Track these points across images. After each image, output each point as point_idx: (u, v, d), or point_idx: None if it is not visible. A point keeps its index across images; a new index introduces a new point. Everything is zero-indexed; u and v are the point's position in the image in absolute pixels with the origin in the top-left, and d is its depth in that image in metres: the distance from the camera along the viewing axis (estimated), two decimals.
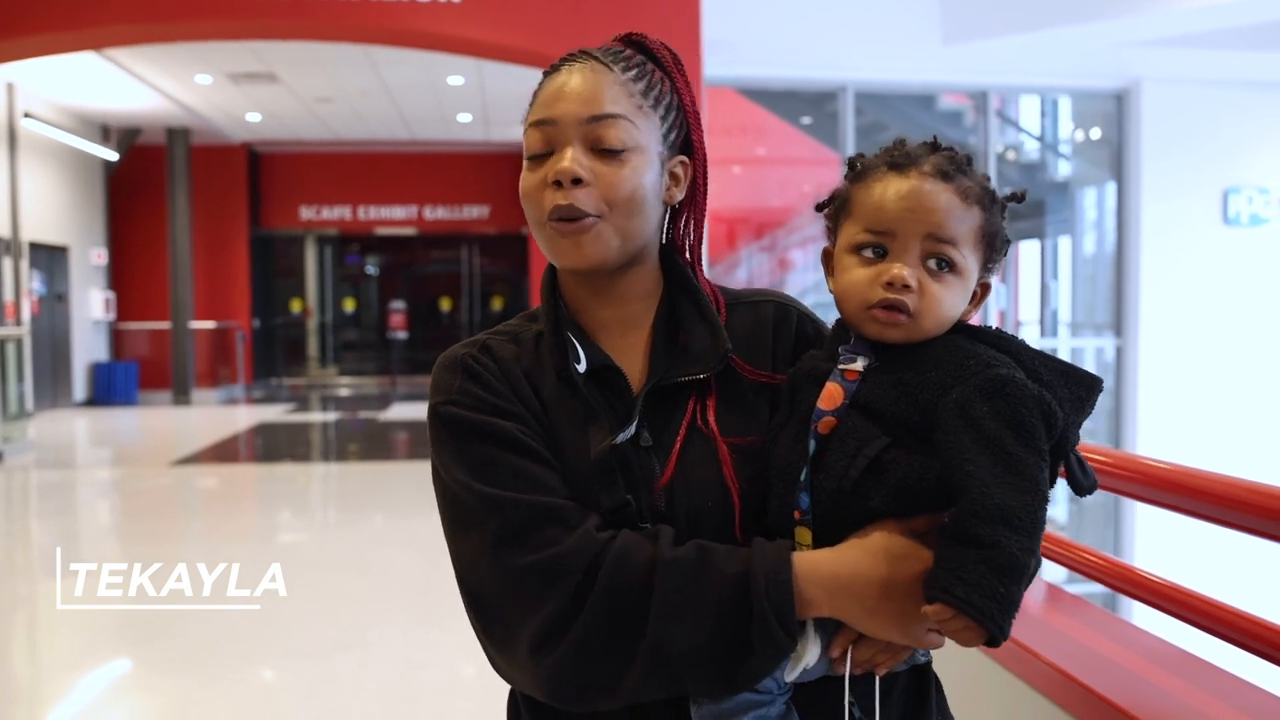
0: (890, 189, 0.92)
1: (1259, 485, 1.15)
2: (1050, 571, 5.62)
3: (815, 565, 0.87)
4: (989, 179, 0.95)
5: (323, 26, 7.26)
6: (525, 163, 1.00)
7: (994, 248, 0.94)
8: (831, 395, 0.91)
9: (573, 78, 0.98)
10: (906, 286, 0.89)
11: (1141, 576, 1.37)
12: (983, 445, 0.82)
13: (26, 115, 11.15)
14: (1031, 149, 9.61)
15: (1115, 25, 6.63)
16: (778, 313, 1.07)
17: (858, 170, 0.97)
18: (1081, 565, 1.51)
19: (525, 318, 1.07)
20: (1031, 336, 10.29)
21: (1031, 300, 10.27)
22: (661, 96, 1.01)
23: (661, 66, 1.04)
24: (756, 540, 0.89)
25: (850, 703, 0.91)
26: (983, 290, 0.95)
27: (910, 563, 0.85)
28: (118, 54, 9.62)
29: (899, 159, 0.94)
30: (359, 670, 3.78)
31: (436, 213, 15.32)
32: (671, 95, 1.03)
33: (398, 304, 16.62)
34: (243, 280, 14.56)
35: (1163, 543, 7.14)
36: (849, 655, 0.89)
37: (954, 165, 0.93)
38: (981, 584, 0.78)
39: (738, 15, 6.98)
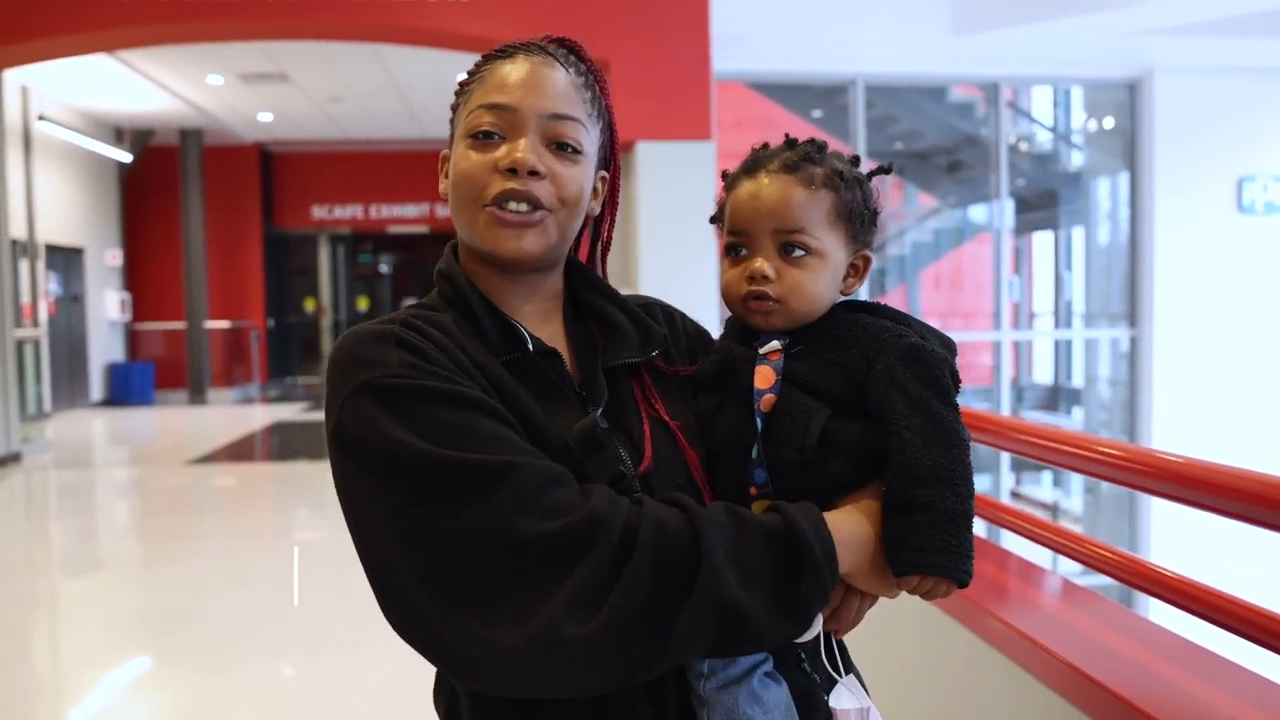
0: (743, 193, 1.01)
1: (1277, 479, 1.14)
2: (1064, 565, 5.58)
3: (835, 525, 0.89)
4: (847, 160, 1.02)
5: (333, 25, 7.27)
6: (466, 140, 0.97)
7: (855, 222, 1.01)
8: (765, 375, 0.97)
9: (533, 68, 0.97)
10: (766, 277, 0.98)
11: (1154, 571, 1.36)
12: (913, 407, 0.91)
13: (41, 118, 11.23)
14: (1044, 140, 9.56)
15: (1127, 14, 6.57)
16: (665, 313, 1.14)
17: (727, 181, 1.05)
18: (1095, 560, 1.50)
19: (421, 307, 1.03)
20: (1046, 327, 10.26)
21: (1045, 291, 10.21)
22: (600, 110, 1.03)
23: (596, 77, 1.04)
24: (779, 503, 0.90)
25: (801, 656, 0.96)
26: (864, 262, 1.03)
27: None
28: (130, 56, 9.67)
29: (750, 163, 1.03)
30: (372, 666, 3.79)
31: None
32: (604, 109, 1.04)
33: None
34: (256, 280, 14.63)
35: (1179, 537, 7.10)
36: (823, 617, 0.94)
37: (800, 157, 1.00)
38: (936, 545, 0.87)
39: (747, 8, 6.95)
